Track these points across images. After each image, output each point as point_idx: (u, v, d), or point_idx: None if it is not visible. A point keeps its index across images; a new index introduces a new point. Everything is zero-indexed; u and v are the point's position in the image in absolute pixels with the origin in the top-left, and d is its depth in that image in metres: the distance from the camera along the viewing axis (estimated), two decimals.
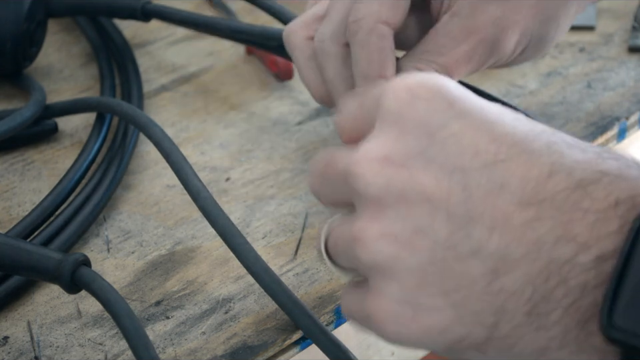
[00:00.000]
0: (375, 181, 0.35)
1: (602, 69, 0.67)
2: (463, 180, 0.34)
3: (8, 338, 0.48)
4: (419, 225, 0.34)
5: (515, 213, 0.33)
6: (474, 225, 0.33)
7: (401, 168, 0.35)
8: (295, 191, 0.57)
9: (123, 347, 0.47)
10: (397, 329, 0.35)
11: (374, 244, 0.35)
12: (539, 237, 0.32)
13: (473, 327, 0.34)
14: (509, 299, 0.33)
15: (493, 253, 0.33)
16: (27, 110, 0.58)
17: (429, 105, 0.35)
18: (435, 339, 0.34)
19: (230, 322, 0.48)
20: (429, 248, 0.34)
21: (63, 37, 0.73)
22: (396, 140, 0.35)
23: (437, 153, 0.34)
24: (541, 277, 0.32)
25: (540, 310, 0.33)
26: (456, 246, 0.33)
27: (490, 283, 0.33)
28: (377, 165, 0.35)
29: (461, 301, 0.34)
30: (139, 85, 0.65)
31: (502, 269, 0.33)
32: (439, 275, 0.34)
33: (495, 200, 0.33)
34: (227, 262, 0.52)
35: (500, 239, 0.33)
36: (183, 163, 0.51)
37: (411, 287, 0.34)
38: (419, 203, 0.34)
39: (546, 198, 0.33)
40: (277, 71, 0.67)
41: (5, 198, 0.57)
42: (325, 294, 0.50)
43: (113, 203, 0.56)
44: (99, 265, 0.52)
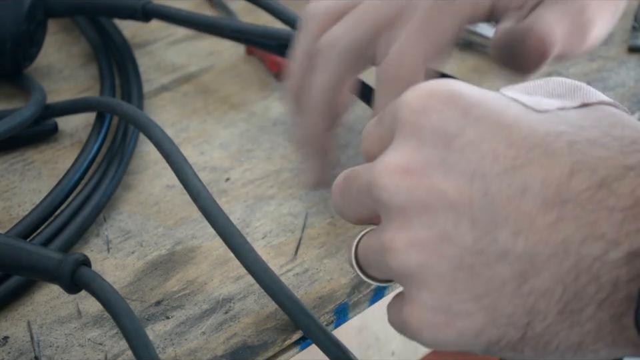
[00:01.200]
0: (397, 192, 0.35)
1: (602, 69, 0.67)
2: (484, 186, 0.34)
3: (8, 338, 0.48)
4: (444, 233, 0.34)
5: (539, 215, 0.33)
6: (499, 229, 0.33)
7: (421, 177, 0.35)
8: (295, 190, 0.57)
9: (123, 347, 0.47)
10: (432, 335, 0.35)
11: (403, 253, 0.35)
12: (565, 237, 0.33)
13: (507, 329, 0.34)
14: (540, 299, 0.33)
15: (520, 255, 0.33)
16: (26, 110, 0.58)
17: (444, 113, 0.35)
18: (472, 342, 0.35)
19: (230, 322, 0.48)
20: (456, 254, 0.34)
21: (63, 37, 0.73)
22: (414, 150, 0.36)
23: (456, 161, 0.35)
24: (570, 275, 0.33)
25: (572, 307, 0.33)
26: (483, 251, 0.34)
27: (519, 286, 0.33)
28: (398, 176, 0.36)
29: (491, 304, 0.34)
30: (139, 85, 0.65)
31: (530, 271, 0.33)
32: (468, 281, 0.34)
33: (518, 204, 0.33)
34: (226, 262, 0.52)
35: (526, 241, 0.33)
36: (183, 163, 0.51)
37: (442, 294, 0.35)
38: (442, 211, 0.35)
39: (569, 198, 0.33)
40: (276, 71, 0.67)
41: (5, 198, 0.57)
42: (324, 294, 0.50)
43: (112, 203, 0.56)
44: (98, 265, 0.52)
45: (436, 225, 0.35)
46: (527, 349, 0.35)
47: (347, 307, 0.50)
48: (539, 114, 0.35)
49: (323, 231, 0.54)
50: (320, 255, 0.52)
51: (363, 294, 0.50)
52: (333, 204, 0.42)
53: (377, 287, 0.50)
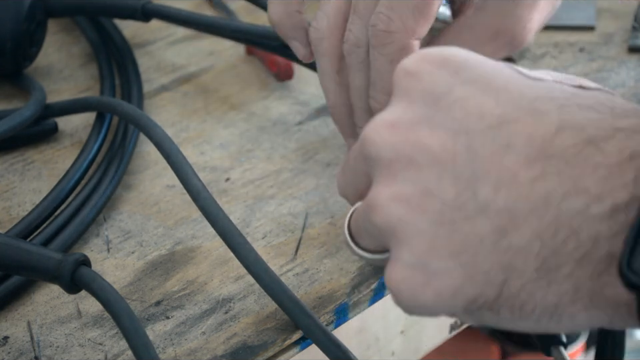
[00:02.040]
0: (384, 146, 0.36)
1: (602, 69, 0.67)
2: (468, 141, 0.34)
3: (8, 338, 0.48)
4: (427, 187, 0.35)
5: (522, 170, 0.33)
6: (480, 184, 0.34)
7: (408, 132, 0.36)
8: (295, 190, 0.57)
9: (123, 347, 0.47)
10: (411, 295, 0.35)
11: (385, 208, 0.36)
12: (547, 192, 0.33)
13: (484, 286, 0.34)
14: (518, 255, 0.33)
15: (500, 210, 0.33)
16: (26, 110, 0.58)
17: (435, 75, 0.36)
18: (449, 302, 0.35)
19: (230, 322, 0.48)
20: (438, 209, 0.34)
21: (63, 37, 0.73)
22: (404, 108, 0.37)
23: (442, 118, 0.35)
24: (549, 231, 0.33)
25: (550, 264, 0.33)
26: (463, 206, 0.34)
27: (497, 241, 0.33)
28: (385, 131, 0.36)
29: (470, 260, 0.34)
30: (139, 85, 0.65)
31: (509, 226, 0.33)
32: (448, 237, 0.34)
33: (501, 159, 0.34)
34: (226, 262, 0.52)
35: (506, 196, 0.33)
36: (183, 163, 0.51)
37: (422, 251, 0.35)
38: (426, 166, 0.35)
39: (554, 154, 0.33)
40: (276, 71, 0.67)
41: (5, 198, 0.57)
42: (324, 294, 0.50)
43: (112, 203, 0.56)
44: (98, 265, 0.52)
45: (419, 180, 0.35)
46: (503, 310, 0.34)
47: (347, 307, 0.50)
48: (532, 81, 0.36)
49: (323, 230, 0.54)
50: (320, 255, 0.52)
51: (363, 294, 0.50)
52: (337, 186, 0.43)
53: (377, 286, 0.50)
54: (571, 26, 0.71)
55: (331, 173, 0.58)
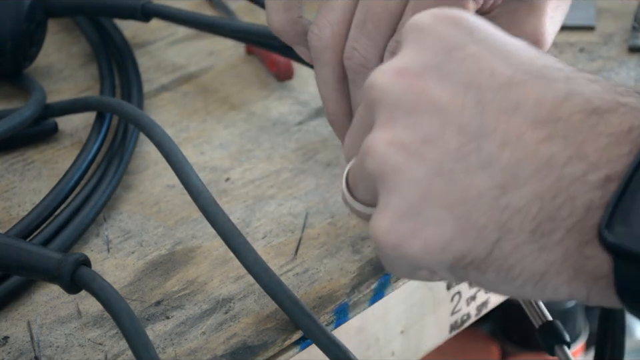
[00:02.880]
0: (388, 90, 0.36)
1: (602, 69, 0.67)
2: (477, 96, 0.34)
3: (8, 338, 0.48)
4: (429, 135, 0.34)
5: (528, 131, 0.33)
6: (485, 139, 0.34)
7: (416, 79, 0.35)
8: (295, 190, 0.57)
9: (123, 347, 0.47)
10: (397, 244, 0.34)
11: (382, 153, 0.35)
12: (551, 155, 0.33)
13: (475, 243, 0.34)
14: (515, 215, 0.33)
15: (503, 168, 0.33)
16: (26, 109, 0.58)
17: (450, 28, 0.36)
18: (436, 256, 0.34)
19: (230, 322, 0.48)
20: (437, 159, 0.34)
21: (63, 37, 0.73)
22: (415, 54, 0.36)
23: (453, 69, 0.35)
24: (549, 193, 0.33)
25: (544, 229, 0.33)
26: (465, 158, 0.34)
27: (497, 198, 0.33)
28: (393, 75, 0.36)
29: (465, 214, 0.33)
30: (139, 85, 0.65)
31: (510, 185, 0.33)
32: (445, 187, 0.34)
33: (509, 118, 0.34)
34: (226, 262, 0.52)
35: (511, 155, 0.33)
36: (183, 163, 0.51)
37: (415, 199, 0.34)
38: (431, 114, 0.35)
39: (561, 118, 0.33)
40: (276, 71, 0.67)
41: (5, 198, 0.57)
42: (324, 294, 0.50)
43: (112, 203, 0.56)
44: (98, 265, 0.52)
45: (421, 127, 0.34)
46: (490, 270, 0.34)
47: (347, 307, 0.50)
48: (541, 53, 0.36)
49: (322, 230, 0.54)
50: (320, 255, 0.52)
51: (363, 294, 0.50)
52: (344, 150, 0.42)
53: (377, 286, 0.50)
54: (571, 26, 0.71)
55: (331, 173, 0.58)
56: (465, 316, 0.59)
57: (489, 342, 1.17)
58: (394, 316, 0.53)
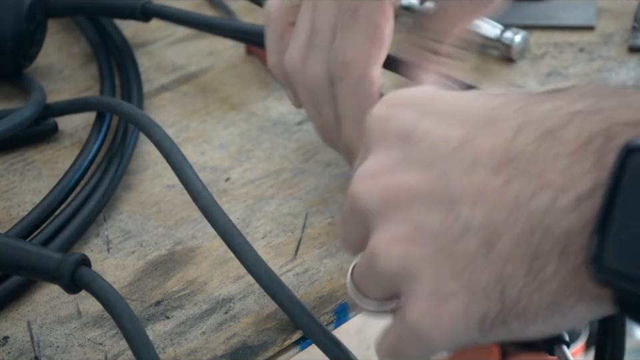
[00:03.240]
0: (370, 196, 0.37)
1: (602, 69, 0.67)
2: (440, 168, 0.35)
3: (8, 338, 0.48)
4: (417, 223, 0.36)
5: (491, 181, 0.34)
6: (459, 205, 0.35)
7: (389, 177, 0.37)
8: (295, 190, 0.57)
9: (123, 347, 0.47)
10: (431, 324, 0.36)
11: (385, 253, 0.36)
12: (516, 195, 0.33)
13: (487, 301, 0.35)
14: (507, 264, 0.34)
15: (481, 225, 0.34)
16: (26, 109, 0.58)
17: (402, 115, 0.38)
18: (464, 325, 0.35)
19: (230, 322, 0.48)
20: (430, 240, 0.35)
21: (63, 37, 0.73)
22: (383, 155, 0.38)
23: (415, 153, 0.37)
24: (525, 233, 0.33)
25: (536, 266, 0.33)
26: (449, 230, 0.35)
27: (487, 254, 0.34)
28: (369, 182, 0.38)
29: (469, 279, 0.35)
30: (139, 85, 0.65)
31: (493, 238, 0.34)
32: (446, 262, 0.35)
33: (471, 176, 0.34)
34: (226, 262, 0.52)
35: (483, 209, 0.34)
36: (183, 163, 0.51)
37: (430, 280, 0.35)
38: (411, 203, 0.36)
39: (516, 156, 0.33)
40: None
41: (5, 198, 0.57)
42: (324, 294, 0.50)
43: (112, 203, 0.56)
44: (98, 265, 0.52)
45: (409, 218, 0.36)
46: (510, 320, 0.35)
47: (347, 307, 0.50)
48: (494, 95, 0.36)
49: (322, 230, 0.54)
50: (320, 255, 0.52)
51: None
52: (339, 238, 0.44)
53: None
54: (571, 26, 0.71)
55: (331, 173, 0.58)
56: None
57: None
58: None
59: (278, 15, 0.54)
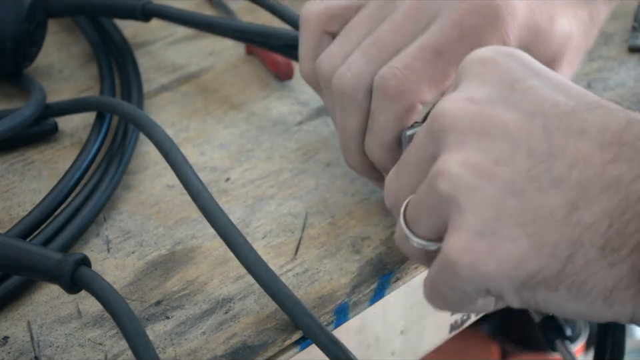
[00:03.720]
0: (460, 115, 0.37)
1: (602, 69, 0.67)
2: (543, 122, 0.36)
3: (8, 338, 0.48)
4: (500, 157, 0.36)
5: (595, 153, 0.35)
6: (554, 160, 0.35)
7: (484, 106, 0.37)
8: (295, 190, 0.57)
9: (123, 347, 0.47)
10: (471, 260, 0.35)
11: (454, 174, 0.36)
12: (618, 174, 0.34)
13: (548, 260, 0.35)
14: (586, 231, 0.34)
15: (574, 185, 0.35)
16: (26, 109, 0.58)
17: (510, 62, 0.38)
18: (510, 273, 0.35)
19: (230, 322, 0.48)
20: (509, 179, 0.35)
21: (63, 37, 0.73)
22: (479, 85, 0.38)
23: (518, 99, 0.37)
24: (617, 210, 0.34)
25: (613, 245, 0.34)
26: (537, 177, 0.35)
27: (568, 215, 0.34)
28: (462, 103, 0.37)
29: (538, 231, 0.35)
30: (139, 85, 0.65)
31: (581, 202, 0.34)
32: (518, 206, 0.35)
33: (576, 141, 0.35)
34: (226, 262, 0.52)
35: (580, 174, 0.35)
36: (183, 163, 0.51)
37: (489, 218, 0.35)
38: (501, 138, 0.36)
39: (625, 142, 0.35)
40: (276, 71, 0.67)
41: (5, 198, 0.57)
42: (325, 294, 0.50)
43: (112, 203, 0.56)
44: (98, 265, 0.52)
45: (492, 149, 0.36)
46: (562, 287, 0.35)
47: (347, 307, 0.50)
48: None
49: (322, 230, 0.54)
50: (320, 255, 0.52)
51: (363, 294, 0.50)
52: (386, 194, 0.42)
53: (377, 286, 0.50)
54: None
55: (331, 173, 0.58)
56: (465, 316, 0.59)
57: (489, 342, 1.17)
58: (394, 316, 0.53)
59: (317, 23, 0.52)
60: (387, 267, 0.51)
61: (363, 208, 0.55)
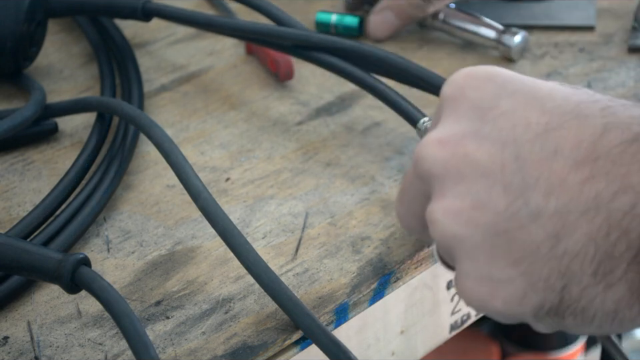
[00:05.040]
0: (434, 161, 0.37)
1: (602, 69, 0.67)
2: (515, 151, 0.35)
3: (8, 338, 0.48)
4: (477, 200, 0.35)
5: (571, 174, 0.34)
6: (530, 191, 0.34)
7: (456, 147, 0.36)
8: (295, 190, 0.57)
9: (123, 347, 0.47)
10: (480, 301, 0.36)
11: (440, 223, 0.36)
12: (597, 193, 0.33)
13: (546, 293, 0.34)
14: (574, 260, 0.34)
15: (552, 215, 0.34)
16: (27, 110, 0.58)
17: (481, 90, 0.37)
18: (518, 309, 0.35)
19: (230, 322, 0.48)
20: (490, 221, 0.35)
21: (63, 37, 0.73)
22: (452, 124, 0.37)
23: (489, 130, 0.36)
24: (601, 232, 0.33)
25: (605, 268, 0.33)
26: (515, 215, 0.34)
27: (553, 247, 0.34)
28: (435, 147, 0.37)
29: (529, 268, 0.34)
30: (139, 85, 0.65)
31: (562, 231, 0.34)
32: (505, 246, 0.35)
33: (549, 165, 0.34)
34: (226, 262, 0.52)
35: (557, 201, 0.34)
36: (183, 163, 0.51)
37: (482, 262, 0.35)
38: (475, 179, 0.36)
39: (600, 155, 0.33)
40: (276, 71, 0.67)
41: (5, 198, 0.57)
42: (324, 294, 0.50)
43: (113, 203, 0.56)
44: (98, 265, 0.52)
45: (469, 193, 0.36)
46: (567, 315, 0.35)
47: (347, 307, 0.50)
48: (573, 88, 0.36)
49: (322, 230, 0.54)
50: (320, 255, 0.52)
51: (363, 294, 0.50)
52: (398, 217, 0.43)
53: (377, 286, 0.50)
54: (571, 26, 0.71)
55: (331, 173, 0.58)
56: (465, 316, 0.59)
57: (489, 342, 1.17)
58: (394, 316, 0.53)
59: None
60: (387, 267, 0.51)
61: (363, 208, 0.55)
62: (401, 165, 0.58)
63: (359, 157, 0.59)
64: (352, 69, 0.60)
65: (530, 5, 0.74)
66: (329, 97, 0.66)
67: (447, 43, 0.71)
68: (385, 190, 0.56)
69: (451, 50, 0.70)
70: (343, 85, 0.66)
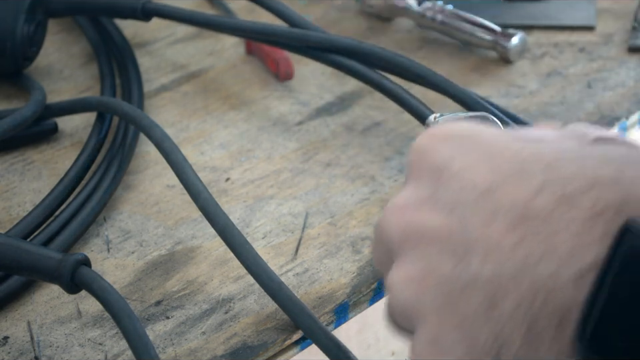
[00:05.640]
0: (393, 229, 0.37)
1: (602, 69, 0.67)
2: (461, 214, 0.35)
3: (8, 338, 0.48)
4: (429, 265, 0.35)
5: (507, 236, 0.33)
6: (472, 255, 0.34)
7: (414, 213, 0.36)
8: (295, 190, 0.57)
9: (123, 347, 0.47)
10: None
11: (396, 291, 0.36)
12: (526, 256, 0.32)
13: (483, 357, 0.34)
14: (506, 324, 0.33)
15: (488, 280, 0.33)
16: (27, 110, 0.58)
17: (438, 149, 0.37)
18: None
19: (230, 322, 0.48)
20: (437, 284, 0.35)
21: (63, 37, 0.73)
22: (414, 188, 0.37)
23: (442, 194, 0.36)
24: (529, 295, 0.32)
25: (534, 331, 0.33)
26: (458, 278, 0.34)
27: (488, 311, 0.33)
28: (395, 215, 0.37)
29: (469, 332, 0.34)
30: (139, 85, 0.65)
31: (497, 296, 0.33)
32: (450, 310, 0.35)
33: (489, 227, 0.34)
34: (226, 262, 0.52)
35: (493, 265, 0.33)
36: (183, 163, 0.51)
37: (433, 326, 0.35)
38: (430, 244, 0.36)
39: (533, 216, 0.33)
40: (276, 71, 0.67)
41: (5, 198, 0.57)
42: (324, 294, 0.50)
43: (113, 203, 0.56)
44: (98, 265, 0.52)
45: (423, 258, 0.36)
46: None
47: (347, 307, 0.50)
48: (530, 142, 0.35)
49: (323, 230, 0.54)
50: (320, 255, 0.52)
51: (363, 294, 0.50)
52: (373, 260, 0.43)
53: (377, 286, 0.50)
54: (571, 26, 0.72)
55: (331, 173, 0.58)
56: None
57: None
58: None
59: None
60: None
61: (363, 208, 0.55)
62: (400, 165, 0.58)
63: (359, 157, 0.59)
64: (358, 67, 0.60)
65: (530, 5, 0.74)
66: (329, 97, 0.66)
67: (447, 44, 0.71)
68: (385, 190, 0.57)
69: (450, 50, 0.70)
70: (343, 85, 0.66)
